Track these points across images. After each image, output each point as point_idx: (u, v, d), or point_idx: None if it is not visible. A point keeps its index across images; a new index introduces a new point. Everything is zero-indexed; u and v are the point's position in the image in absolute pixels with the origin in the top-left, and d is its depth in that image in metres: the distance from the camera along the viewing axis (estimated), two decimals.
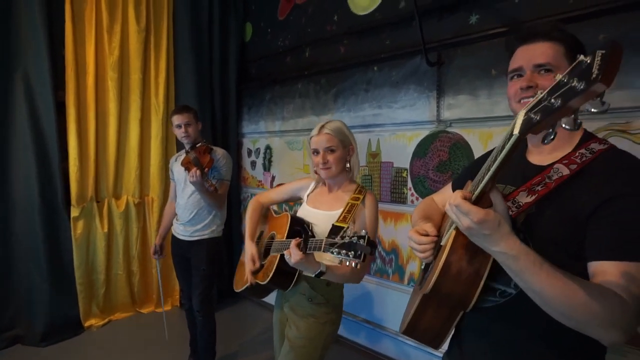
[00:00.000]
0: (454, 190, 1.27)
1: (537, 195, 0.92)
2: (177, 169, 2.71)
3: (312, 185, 1.85)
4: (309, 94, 3.47)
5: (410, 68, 2.71)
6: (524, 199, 0.94)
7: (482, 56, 2.35)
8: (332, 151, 1.67)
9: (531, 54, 0.99)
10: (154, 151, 3.74)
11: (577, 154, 0.94)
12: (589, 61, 0.62)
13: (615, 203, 0.83)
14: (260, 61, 4.03)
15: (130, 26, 3.54)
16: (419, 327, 1.06)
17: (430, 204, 1.33)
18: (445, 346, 1.18)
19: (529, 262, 0.80)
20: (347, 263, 1.26)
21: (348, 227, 1.39)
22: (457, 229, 0.91)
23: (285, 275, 1.65)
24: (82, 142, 3.36)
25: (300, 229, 1.67)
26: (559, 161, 0.95)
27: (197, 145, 2.63)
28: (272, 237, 1.79)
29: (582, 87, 0.61)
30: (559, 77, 0.66)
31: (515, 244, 0.80)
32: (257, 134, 4.06)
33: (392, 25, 2.81)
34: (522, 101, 0.99)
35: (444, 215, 1.26)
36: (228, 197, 2.87)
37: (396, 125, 2.81)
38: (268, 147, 3.91)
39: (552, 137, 0.70)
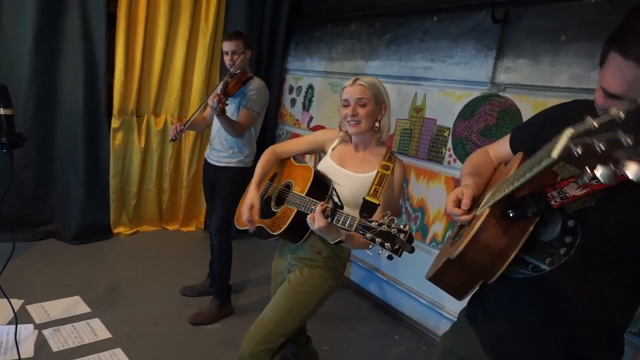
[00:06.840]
0: (512, 147, 1.18)
1: (588, 190, 0.84)
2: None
3: (337, 140, 1.75)
4: (361, 36, 3.33)
5: (472, 22, 2.55)
6: (573, 191, 0.86)
7: (554, 18, 2.17)
8: (363, 105, 1.56)
9: (620, 78, 0.78)
10: (197, 75, 3.73)
11: None
12: None
13: None
14: None
15: None
16: (442, 280, 1.08)
17: (484, 158, 1.26)
18: (462, 303, 1.18)
19: None
20: (379, 252, 1.14)
21: (386, 214, 1.21)
22: (491, 207, 0.91)
23: (297, 231, 1.58)
24: (128, 56, 3.38)
25: (324, 191, 1.58)
26: None
27: (236, 72, 2.59)
28: (288, 186, 1.70)
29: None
30: (613, 111, 0.51)
31: None
32: (301, 71, 3.98)
33: None
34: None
35: (495, 170, 1.22)
36: (262, 132, 2.88)
37: (447, 81, 2.68)
38: (310, 87, 3.84)
39: (585, 180, 0.60)
